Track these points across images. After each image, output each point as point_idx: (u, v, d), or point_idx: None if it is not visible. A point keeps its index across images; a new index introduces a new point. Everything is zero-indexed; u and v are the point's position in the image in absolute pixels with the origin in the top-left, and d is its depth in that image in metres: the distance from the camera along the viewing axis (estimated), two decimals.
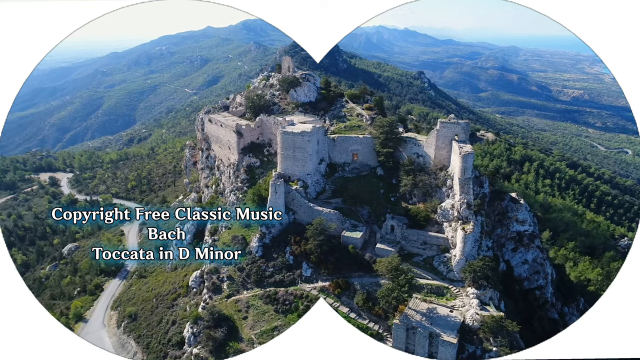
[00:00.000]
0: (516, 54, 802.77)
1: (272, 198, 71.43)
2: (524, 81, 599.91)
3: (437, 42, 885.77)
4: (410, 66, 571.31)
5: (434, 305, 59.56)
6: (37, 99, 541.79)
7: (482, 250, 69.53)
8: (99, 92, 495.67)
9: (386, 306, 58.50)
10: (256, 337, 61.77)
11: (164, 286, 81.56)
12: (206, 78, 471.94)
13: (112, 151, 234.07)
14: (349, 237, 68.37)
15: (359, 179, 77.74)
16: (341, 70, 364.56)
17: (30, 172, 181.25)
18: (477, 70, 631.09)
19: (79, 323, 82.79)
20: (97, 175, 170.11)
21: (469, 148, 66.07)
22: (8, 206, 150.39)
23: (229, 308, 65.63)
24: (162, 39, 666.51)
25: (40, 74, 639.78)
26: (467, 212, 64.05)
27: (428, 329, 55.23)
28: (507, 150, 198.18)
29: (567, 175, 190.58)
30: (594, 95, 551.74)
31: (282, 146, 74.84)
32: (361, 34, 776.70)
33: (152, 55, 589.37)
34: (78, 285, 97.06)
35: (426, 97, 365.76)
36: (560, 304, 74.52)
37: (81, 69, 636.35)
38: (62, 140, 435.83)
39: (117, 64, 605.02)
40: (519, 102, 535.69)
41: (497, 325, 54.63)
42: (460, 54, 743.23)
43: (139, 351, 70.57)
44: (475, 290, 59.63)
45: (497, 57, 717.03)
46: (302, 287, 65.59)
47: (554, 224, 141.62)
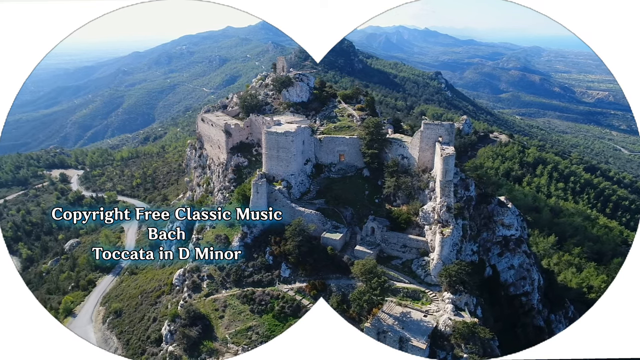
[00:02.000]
0: (539, 55, 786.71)
1: (254, 198, 71.41)
2: (547, 82, 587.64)
3: (458, 43, 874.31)
4: (430, 66, 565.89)
5: (409, 309, 58.67)
6: (61, 97, 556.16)
7: (467, 254, 68.39)
8: (119, 91, 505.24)
9: (358, 309, 57.77)
10: (230, 336, 61.76)
11: (151, 283, 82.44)
12: (224, 77, 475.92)
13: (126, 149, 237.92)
14: (328, 238, 67.83)
15: (344, 180, 77.15)
16: (356, 71, 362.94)
17: (43, 169, 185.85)
18: (498, 71, 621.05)
19: (68, 318, 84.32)
20: (105, 172, 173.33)
21: (451, 150, 64.79)
22: (18, 201, 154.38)
23: (207, 307, 65.80)
24: (183, 39, 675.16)
25: (65, 73, 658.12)
26: (447, 215, 62.81)
27: (398, 333, 54.40)
28: (520, 152, 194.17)
29: (582, 179, 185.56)
30: (619, 97, 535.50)
31: (266, 146, 74.76)
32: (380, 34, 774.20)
33: (173, 55, 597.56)
34: (73, 280, 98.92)
35: (442, 98, 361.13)
36: (547, 311, 72.49)
37: (104, 68, 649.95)
38: (83, 137, 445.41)
39: (139, 63, 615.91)
40: (541, 104, 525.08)
41: (469, 332, 53.47)
42: (481, 55, 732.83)
43: (120, 347, 71.47)
44: (450, 295, 58.47)
45: (519, 57, 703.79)
46: (280, 288, 65.32)
47: (562, 229, 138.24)
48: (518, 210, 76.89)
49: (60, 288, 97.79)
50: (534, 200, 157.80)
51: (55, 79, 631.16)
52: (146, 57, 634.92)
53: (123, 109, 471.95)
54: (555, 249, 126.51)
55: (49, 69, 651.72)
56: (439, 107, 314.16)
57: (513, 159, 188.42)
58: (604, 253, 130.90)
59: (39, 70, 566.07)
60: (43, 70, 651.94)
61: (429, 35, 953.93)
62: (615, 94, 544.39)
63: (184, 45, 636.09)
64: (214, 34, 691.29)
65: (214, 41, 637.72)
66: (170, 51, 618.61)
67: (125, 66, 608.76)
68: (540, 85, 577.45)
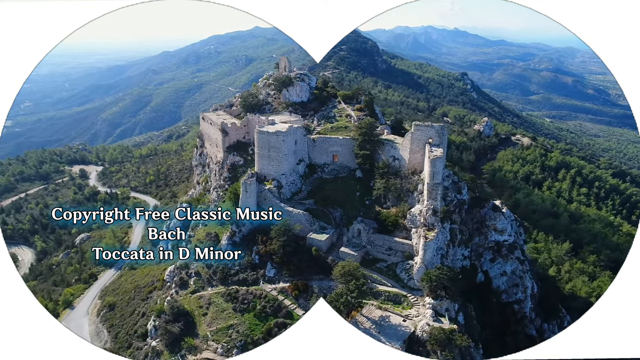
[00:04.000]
0: (573, 56, 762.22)
1: (243, 197, 71.69)
2: (580, 84, 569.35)
3: (488, 43, 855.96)
4: (458, 67, 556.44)
5: (389, 313, 57.75)
6: (93, 95, 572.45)
7: (458, 259, 66.80)
8: (148, 90, 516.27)
9: (336, 311, 57.02)
10: (211, 334, 62.01)
11: (145, 279, 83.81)
12: (249, 77, 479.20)
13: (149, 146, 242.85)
14: (314, 239, 67.39)
15: (336, 181, 76.51)
16: (380, 71, 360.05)
17: (65, 164, 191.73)
18: (529, 72, 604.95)
19: (66, 310, 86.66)
20: (122, 169, 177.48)
21: (439, 152, 63.39)
22: (38, 195, 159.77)
23: (192, 304, 66.34)
24: (211, 39, 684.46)
25: (98, 72, 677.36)
26: (432, 219, 61.55)
27: (374, 337, 53.54)
28: (542, 156, 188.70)
29: (608, 184, 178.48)
30: None
31: (258, 145, 74.89)
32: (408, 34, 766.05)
33: (201, 55, 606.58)
34: (78, 273, 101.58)
35: (467, 99, 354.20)
36: (540, 320, 70.01)
37: (135, 67, 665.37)
38: (113, 135, 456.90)
39: (168, 62, 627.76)
40: (573, 106, 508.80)
41: (445, 338, 52.22)
42: (512, 55, 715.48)
43: (109, 340, 72.91)
44: (432, 300, 57.22)
45: (552, 58, 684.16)
46: (263, 287, 65.29)
47: (579, 235, 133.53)
48: (514, 215, 74.55)
49: (65, 280, 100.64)
50: (553, 205, 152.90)
51: (89, 77, 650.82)
52: (175, 56, 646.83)
53: (151, 107, 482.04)
54: (570, 256, 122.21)
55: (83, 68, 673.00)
56: (462, 109, 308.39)
57: (534, 162, 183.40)
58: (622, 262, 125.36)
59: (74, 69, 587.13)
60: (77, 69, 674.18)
61: (458, 35, 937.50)
62: None
63: (212, 45, 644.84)
64: (241, 34, 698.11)
65: (241, 41, 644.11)
66: (198, 51, 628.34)
67: (155, 65, 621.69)
68: (573, 87, 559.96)
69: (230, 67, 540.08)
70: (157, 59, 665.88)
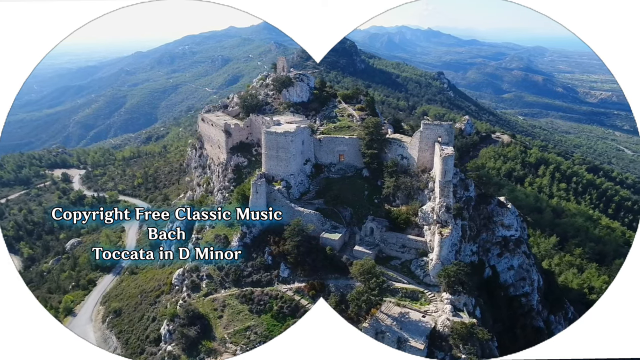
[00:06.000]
0: (542, 55, 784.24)
1: (254, 198, 71.49)
2: (550, 82, 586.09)
3: (460, 43, 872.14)
4: (432, 67, 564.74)
5: (407, 309, 58.59)
6: (64, 97, 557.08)
7: (467, 254, 68.22)
8: (122, 91, 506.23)
9: (356, 309, 57.69)
10: (229, 336, 61.81)
11: (150, 283, 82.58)
12: (226, 77, 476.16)
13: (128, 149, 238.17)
14: (327, 238, 67.79)
15: (343, 180, 77.09)
16: (358, 71, 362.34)
17: (45, 168, 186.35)
18: (501, 71, 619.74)
19: (68, 317, 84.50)
20: (107, 172, 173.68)
21: (450, 150, 64.74)
22: (20, 201, 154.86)
23: (206, 307, 65.87)
24: (186, 39, 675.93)
25: (69, 73, 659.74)
26: (446, 216, 62.74)
27: (397, 334, 54.37)
28: (522, 152, 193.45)
29: (585, 180, 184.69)
30: (622, 97, 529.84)
31: (266, 146, 74.78)
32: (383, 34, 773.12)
33: (175, 55, 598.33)
34: (74, 279, 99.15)
35: (445, 98, 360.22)
36: (546, 312, 72.23)
37: (107, 67, 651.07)
38: (86, 137, 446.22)
39: (141, 63, 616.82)
40: (544, 104, 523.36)
41: (467, 332, 53.34)
42: (484, 55, 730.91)
43: (119, 346, 71.64)
44: (449, 295, 58.35)
45: (522, 57, 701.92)
46: (278, 288, 65.33)
47: (564, 229, 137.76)
48: (518, 210, 76.62)
49: (61, 287, 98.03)
50: (536, 201, 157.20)
51: (58, 78, 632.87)
52: (149, 57, 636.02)
53: (125, 108, 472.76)
54: (557, 249, 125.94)
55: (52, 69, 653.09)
56: (441, 107, 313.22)
57: (515, 159, 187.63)
58: (606, 254, 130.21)
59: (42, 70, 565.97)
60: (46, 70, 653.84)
61: (431, 35, 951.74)
62: (618, 94, 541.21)
63: (187, 45, 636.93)
64: (216, 34, 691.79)
65: (216, 41, 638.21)
66: (172, 51, 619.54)
67: (127, 66, 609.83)
68: (543, 86, 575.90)
69: (206, 67, 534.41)
70: (130, 59, 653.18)
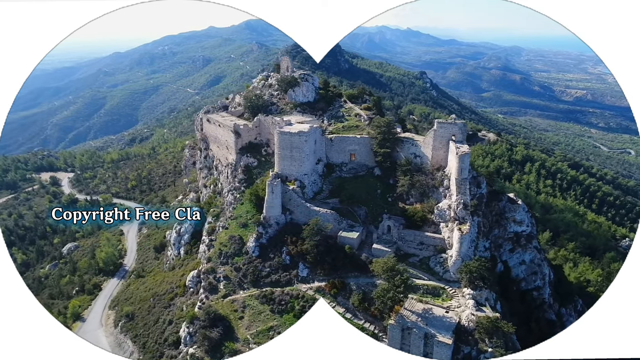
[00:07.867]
0: (519, 54, 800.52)
1: (269, 198, 71.56)
2: (527, 81, 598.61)
3: (439, 42, 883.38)
4: (413, 66, 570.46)
5: (430, 305, 59.38)
6: (40, 98, 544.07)
7: (479, 250, 69.33)
8: (101, 92, 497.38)
9: (382, 307, 58.25)
10: (252, 337, 61.71)
11: (162, 286, 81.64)
12: (208, 78, 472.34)
13: (114, 151, 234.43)
14: (345, 237, 68.23)
15: (356, 179, 77.57)
16: (343, 70, 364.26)
17: (32, 172, 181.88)
18: (480, 70, 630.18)
19: (77, 322, 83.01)
20: (97, 175, 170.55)
21: (466, 148, 65.87)
22: (9, 205, 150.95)
23: (225, 308, 65.57)
24: (165, 39, 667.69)
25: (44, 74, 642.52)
26: (463, 213, 63.81)
27: (423, 329, 55.07)
28: (508, 150, 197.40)
29: (569, 176, 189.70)
30: (597, 95, 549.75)
31: (279, 146, 74.83)
32: (363, 34, 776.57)
33: (155, 56, 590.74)
34: (77, 284, 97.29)
35: (428, 97, 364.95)
36: (557, 305, 74.19)
37: (84, 69, 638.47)
38: (65, 140, 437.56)
39: (120, 64, 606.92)
40: (522, 103, 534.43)
41: (492, 326, 54.31)
42: (462, 54, 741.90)
43: (136, 351, 70.68)
44: (471, 290, 59.39)
45: (500, 57, 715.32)
46: (299, 288, 65.47)
47: (555, 225, 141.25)
48: (527, 207, 78.40)
49: (63, 293, 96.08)
50: (525, 197, 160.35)
51: (33, 79, 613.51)
52: (128, 57, 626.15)
53: (105, 110, 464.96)
54: (550, 244, 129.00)
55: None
56: (425, 107, 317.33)
57: (502, 157, 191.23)
58: (596, 248, 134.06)
59: None
60: None
61: (411, 35, 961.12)
62: (593, 92, 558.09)
63: (166, 45, 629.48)
64: (196, 34, 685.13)
65: (196, 41, 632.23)
66: (152, 52, 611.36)
67: (106, 67, 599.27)
68: (521, 85, 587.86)
69: (187, 68, 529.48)
70: (108, 60, 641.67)
